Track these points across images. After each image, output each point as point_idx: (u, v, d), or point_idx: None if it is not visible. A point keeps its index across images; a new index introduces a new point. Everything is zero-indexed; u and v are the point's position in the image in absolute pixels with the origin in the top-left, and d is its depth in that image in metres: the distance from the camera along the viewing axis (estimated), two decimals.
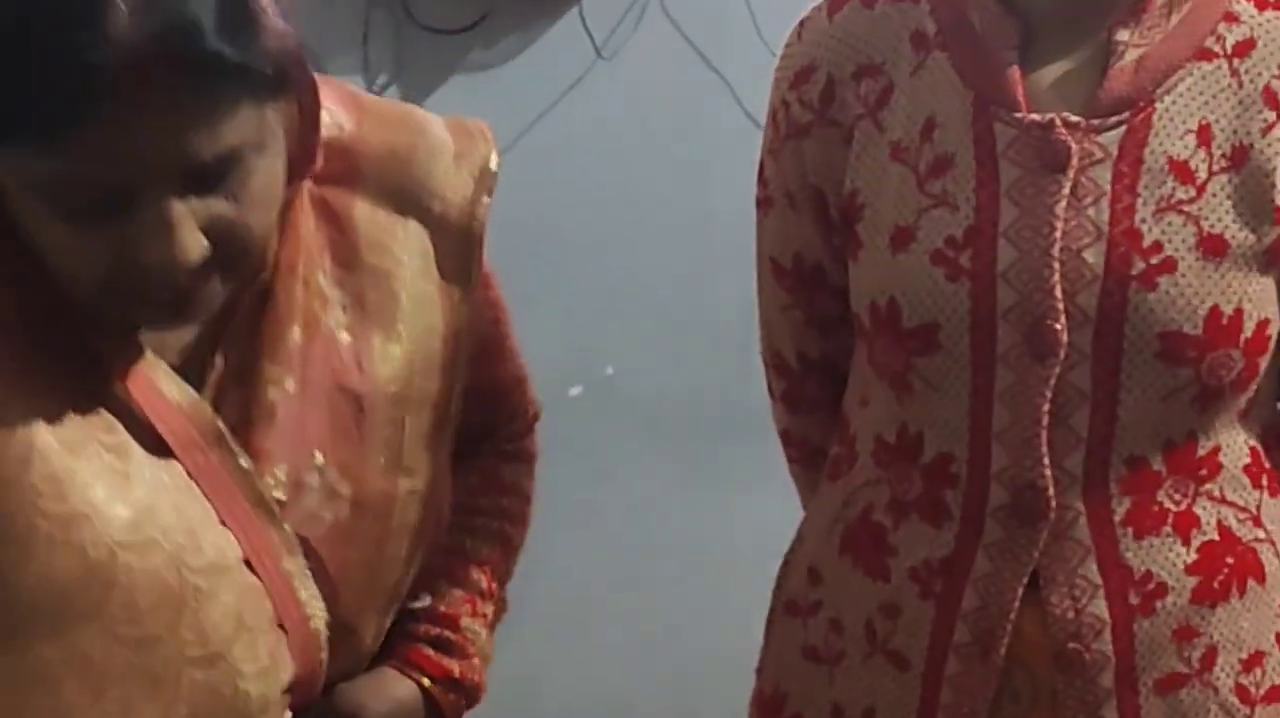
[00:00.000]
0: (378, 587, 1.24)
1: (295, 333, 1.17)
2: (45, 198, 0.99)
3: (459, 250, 1.24)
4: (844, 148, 1.38)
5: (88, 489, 1.04)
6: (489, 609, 1.39)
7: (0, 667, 1.03)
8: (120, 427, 1.08)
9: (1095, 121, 1.29)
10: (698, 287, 2.83)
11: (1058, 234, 1.28)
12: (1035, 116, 1.30)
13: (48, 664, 1.04)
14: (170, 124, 0.97)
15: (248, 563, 1.12)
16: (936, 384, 1.33)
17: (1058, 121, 1.29)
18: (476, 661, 1.36)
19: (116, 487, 1.06)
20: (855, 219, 1.37)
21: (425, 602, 1.35)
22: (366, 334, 1.20)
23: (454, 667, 1.33)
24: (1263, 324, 1.29)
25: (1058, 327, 1.28)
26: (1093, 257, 1.28)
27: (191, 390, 1.13)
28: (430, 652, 1.33)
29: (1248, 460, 1.35)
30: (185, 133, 0.98)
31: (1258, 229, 1.28)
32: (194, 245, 1.01)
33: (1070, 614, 1.32)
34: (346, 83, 1.29)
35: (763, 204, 1.49)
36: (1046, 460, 1.30)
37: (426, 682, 1.32)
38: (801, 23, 1.44)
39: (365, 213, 1.21)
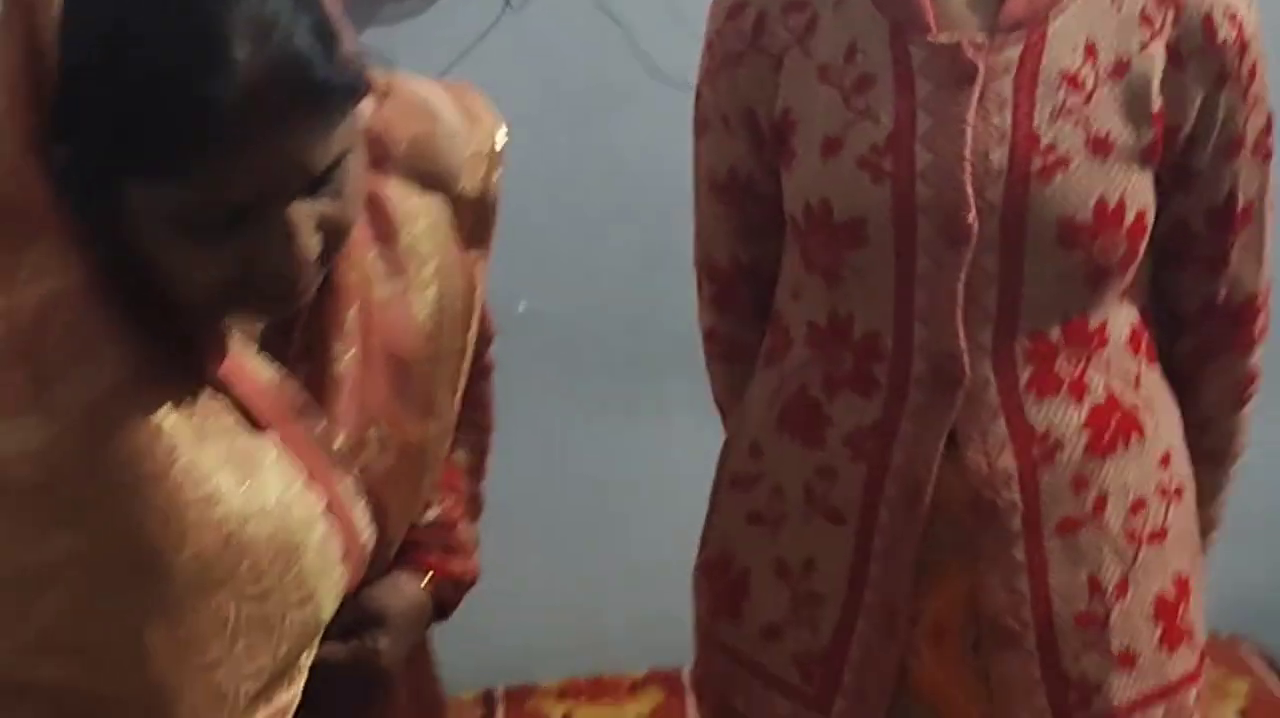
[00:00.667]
0: (412, 514, 1.41)
1: (355, 310, 1.29)
2: (175, 223, 1.06)
3: (477, 220, 1.39)
4: (774, 73, 1.54)
5: (214, 473, 1.14)
6: (474, 510, 1.57)
7: (162, 636, 1.14)
8: (223, 409, 1.18)
9: (997, 40, 1.46)
10: (601, 232, 2.97)
11: (968, 138, 1.44)
12: (944, 38, 1.47)
13: (196, 629, 1.15)
14: (290, 145, 1.06)
15: (327, 514, 1.25)
16: (864, 272, 1.50)
17: (964, 42, 1.46)
18: (473, 559, 1.53)
19: (233, 466, 1.17)
20: (788, 133, 1.54)
21: (434, 513, 1.50)
22: (406, 302, 1.33)
23: (456, 566, 1.50)
24: (1141, 213, 1.48)
25: (969, 218, 1.44)
26: (998, 157, 1.44)
27: (273, 369, 1.24)
28: (437, 555, 1.49)
29: (1129, 334, 1.54)
30: (303, 150, 1.07)
31: (1137, 130, 1.46)
32: (313, 245, 1.11)
33: (983, 467, 1.50)
34: None
35: (699, 127, 1.65)
36: (961, 334, 1.47)
37: (430, 579, 1.47)
38: None
39: (397, 192, 1.33)
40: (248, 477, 1.18)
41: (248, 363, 1.23)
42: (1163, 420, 1.59)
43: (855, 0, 1.52)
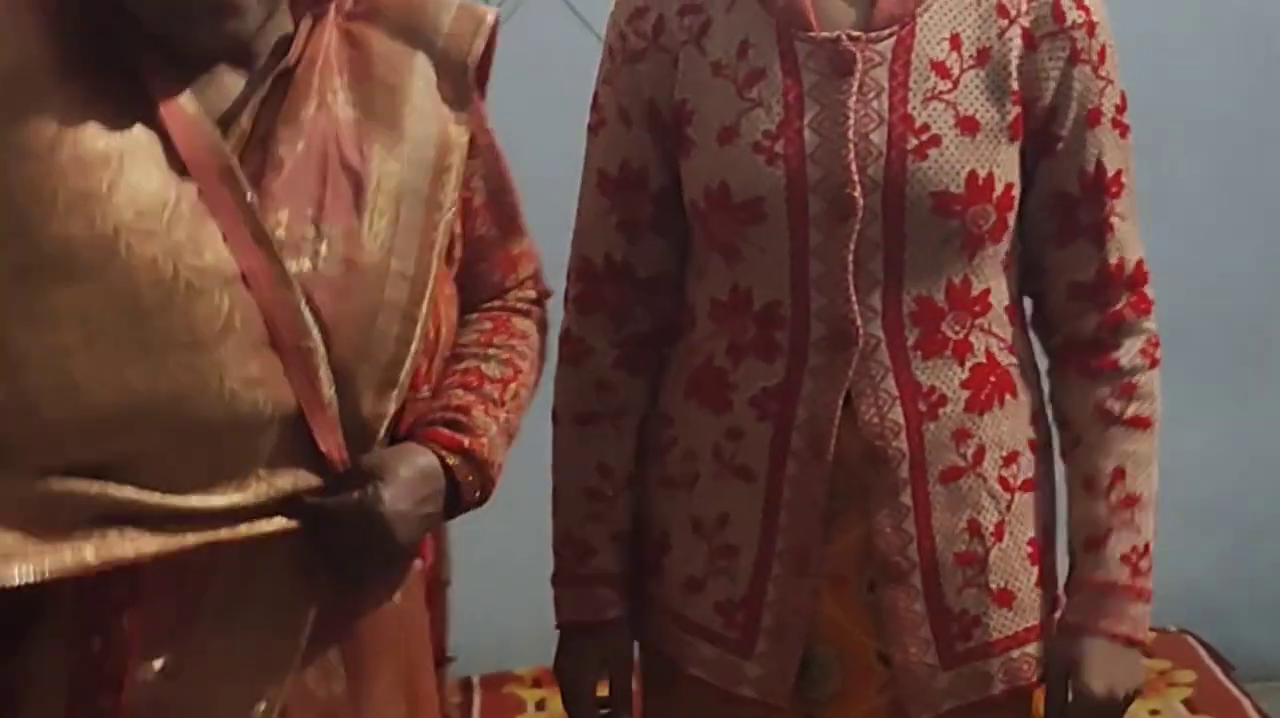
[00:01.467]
0: (370, 352, 1.41)
1: (310, 108, 1.39)
2: None
3: (456, 80, 1.50)
4: (672, 68, 1.68)
5: (107, 178, 1.25)
6: (500, 414, 1.53)
7: (18, 305, 1.23)
8: (148, 139, 1.29)
9: (872, 34, 1.61)
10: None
11: (850, 122, 1.59)
12: (826, 34, 1.61)
13: (53, 307, 1.25)
14: None
15: (244, 283, 1.31)
16: (762, 247, 1.62)
17: (843, 36, 1.61)
18: (486, 440, 1.50)
19: (133, 184, 1.26)
20: (685, 123, 1.67)
21: (444, 400, 1.52)
22: (370, 130, 1.41)
23: (464, 439, 1.49)
24: (1009, 186, 1.62)
25: (855, 194, 1.58)
26: (878, 137, 1.58)
27: (213, 128, 1.34)
28: (442, 429, 1.49)
29: (1008, 303, 1.68)
30: None
31: (1001, 108, 1.61)
32: None
33: (875, 420, 1.62)
34: None
35: (595, 127, 1.77)
36: (854, 299, 1.60)
37: (441, 453, 1.47)
38: None
39: (383, 42, 1.45)
40: (151, 204, 1.26)
41: (192, 116, 1.32)
42: (1032, 381, 1.73)
43: (745, 3, 1.66)
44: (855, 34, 1.61)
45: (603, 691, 1.80)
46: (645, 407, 1.78)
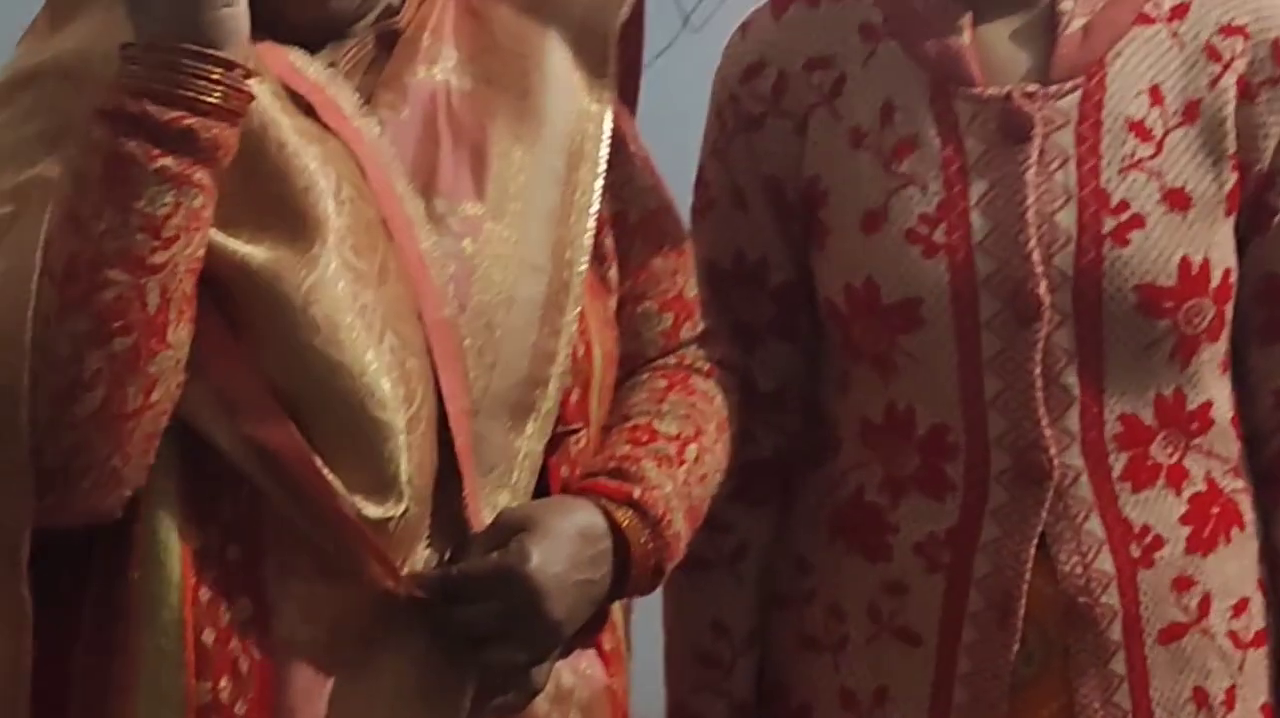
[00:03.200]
0: (500, 358, 1.23)
1: (418, 73, 1.29)
2: None
3: (597, 56, 1.33)
4: (799, 137, 1.45)
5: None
6: (678, 474, 1.32)
7: None
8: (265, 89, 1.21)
9: (1052, 88, 1.40)
10: None
11: (1030, 200, 1.38)
12: (993, 90, 1.40)
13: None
14: None
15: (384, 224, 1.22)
16: (923, 358, 1.40)
17: (1016, 92, 1.39)
18: (660, 495, 1.29)
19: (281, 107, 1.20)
20: (818, 205, 1.44)
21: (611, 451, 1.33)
22: (491, 101, 1.30)
23: (633, 489, 1.27)
24: (1227, 272, 1.41)
25: (1039, 290, 1.37)
26: (1065, 219, 1.38)
27: (330, 77, 1.27)
28: (605, 479, 1.28)
29: (1231, 415, 1.45)
30: None
31: (1217, 178, 1.40)
32: None
33: (1079, 570, 1.39)
34: None
35: (701, 209, 1.54)
36: (1045, 421, 1.37)
37: (606, 505, 1.25)
38: (744, 25, 1.52)
39: (508, 14, 1.33)
40: (301, 125, 1.20)
41: (305, 68, 1.25)
42: (1255, 509, 1.49)
43: (888, 54, 1.44)
44: (1031, 89, 1.40)
45: None
46: (769, 549, 1.55)
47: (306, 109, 1.23)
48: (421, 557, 1.21)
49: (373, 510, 1.17)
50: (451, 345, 1.21)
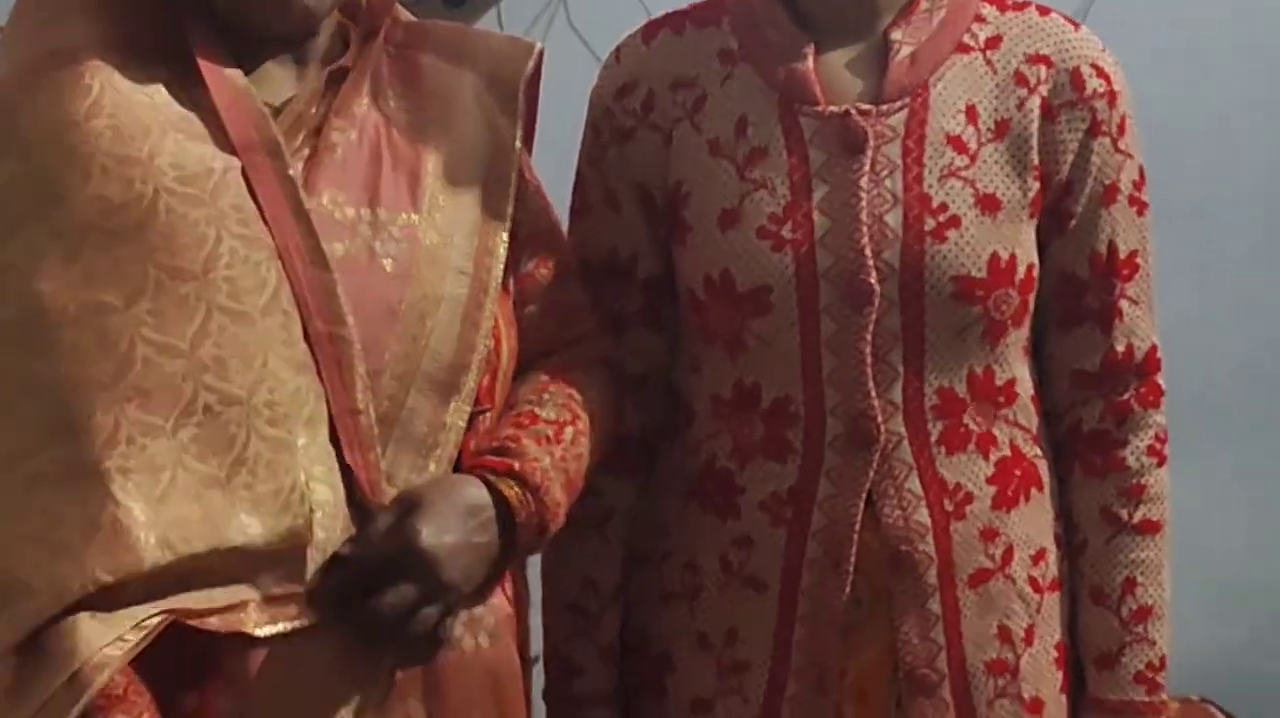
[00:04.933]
0: (429, 348, 1.37)
1: (363, 104, 1.42)
2: None
3: (506, 99, 1.50)
4: (665, 147, 1.58)
5: (147, 145, 1.28)
6: (554, 450, 1.43)
7: (57, 264, 1.25)
8: (196, 117, 1.32)
9: (883, 107, 1.52)
10: None
11: (863, 203, 1.50)
12: (833, 108, 1.52)
13: (94, 269, 1.25)
14: None
15: (280, 256, 1.31)
16: (770, 339, 1.52)
17: (852, 110, 1.52)
18: (539, 467, 1.39)
19: (175, 152, 1.29)
20: (681, 206, 1.57)
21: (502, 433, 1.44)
22: (423, 129, 1.44)
23: (514, 462, 1.38)
24: (1030, 267, 1.54)
25: (870, 280, 1.49)
26: (893, 219, 1.50)
27: (262, 105, 1.36)
28: (490, 456, 1.39)
29: (1033, 392, 1.59)
30: None
31: (1023, 186, 1.53)
32: None
33: (900, 522, 1.53)
34: None
35: (578, 212, 1.65)
36: (873, 393, 1.51)
37: (489, 478, 1.37)
38: (618, 49, 1.64)
39: (432, 61, 1.49)
40: (195, 171, 1.29)
41: (241, 89, 1.35)
42: (1051, 473, 1.63)
43: (743, 76, 1.56)
44: (865, 108, 1.53)
45: None
46: (633, 513, 1.66)
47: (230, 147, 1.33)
48: (342, 537, 1.32)
49: (284, 521, 1.27)
50: (334, 356, 1.32)
